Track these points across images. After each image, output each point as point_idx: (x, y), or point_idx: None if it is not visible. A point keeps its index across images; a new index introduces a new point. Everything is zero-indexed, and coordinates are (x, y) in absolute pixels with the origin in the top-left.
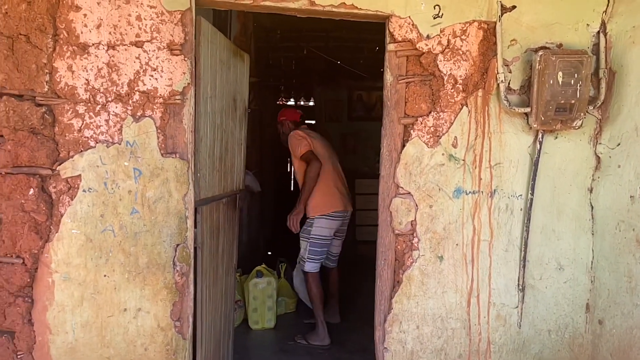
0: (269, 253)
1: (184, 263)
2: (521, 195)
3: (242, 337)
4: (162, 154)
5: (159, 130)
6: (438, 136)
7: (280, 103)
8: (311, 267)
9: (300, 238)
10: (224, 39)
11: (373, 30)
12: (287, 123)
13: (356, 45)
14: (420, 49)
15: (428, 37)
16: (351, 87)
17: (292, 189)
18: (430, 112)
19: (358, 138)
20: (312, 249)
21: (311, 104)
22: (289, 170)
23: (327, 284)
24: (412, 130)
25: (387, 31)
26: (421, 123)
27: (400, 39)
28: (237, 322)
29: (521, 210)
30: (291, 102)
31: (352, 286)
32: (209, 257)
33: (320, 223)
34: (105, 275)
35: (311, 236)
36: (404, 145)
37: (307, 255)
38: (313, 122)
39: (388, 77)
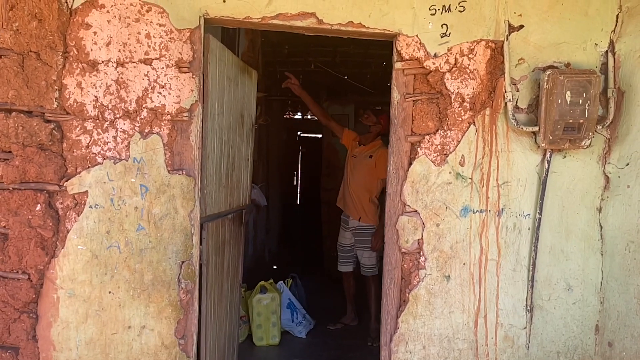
0: (275, 267)
1: (189, 280)
2: (529, 214)
3: (246, 353)
4: (168, 171)
5: (166, 147)
6: (445, 154)
7: (287, 116)
8: (339, 267)
9: None
10: (231, 56)
11: (380, 46)
12: (379, 127)
13: (363, 60)
14: (428, 68)
15: (435, 55)
16: (358, 102)
17: (298, 202)
18: (437, 130)
19: None
20: (338, 253)
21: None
22: (295, 183)
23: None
24: (419, 148)
25: (395, 49)
26: (428, 141)
27: (407, 57)
28: (242, 338)
29: (529, 229)
30: (298, 116)
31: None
32: (214, 274)
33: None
34: (110, 292)
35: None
36: (410, 163)
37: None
38: (320, 135)
39: (395, 95)
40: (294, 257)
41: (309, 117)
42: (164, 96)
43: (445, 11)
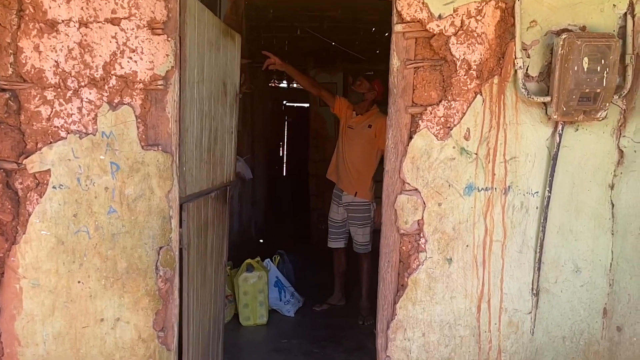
0: (261, 241)
1: (167, 267)
2: (537, 192)
3: (232, 334)
4: (142, 146)
5: (139, 120)
6: (449, 127)
7: (273, 85)
8: (329, 243)
9: None
10: (212, 17)
11: (369, 10)
12: (374, 94)
13: (352, 25)
14: (431, 31)
15: (440, 17)
16: (347, 70)
17: (285, 174)
18: (440, 101)
19: None
20: (328, 229)
21: None
22: (281, 154)
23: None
24: (420, 121)
25: (395, 10)
26: (430, 113)
27: (408, 18)
28: (228, 318)
29: (537, 208)
30: (284, 85)
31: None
32: (196, 258)
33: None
34: (79, 282)
35: (328, 218)
36: (411, 137)
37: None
38: (307, 105)
39: (395, 62)
40: (281, 230)
41: (295, 85)
42: (135, 62)
43: None
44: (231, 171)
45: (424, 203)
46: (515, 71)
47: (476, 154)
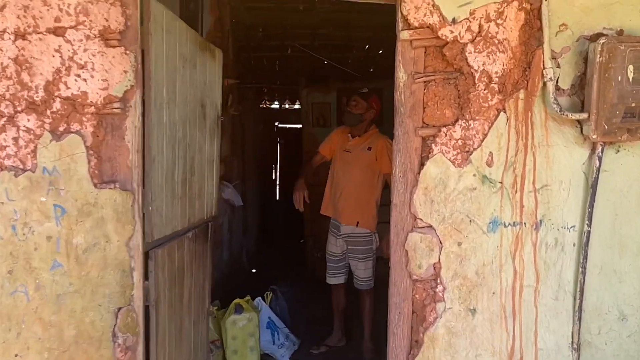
0: (253, 270)
1: (128, 333)
2: (574, 226)
3: None
4: (95, 184)
5: (90, 151)
6: (468, 152)
7: (264, 106)
8: (328, 279)
9: None
10: (185, 29)
11: (363, 28)
12: (373, 113)
13: (345, 43)
14: (444, 38)
15: (454, 21)
16: (340, 90)
17: (277, 197)
18: (457, 121)
19: None
20: (327, 263)
21: (297, 107)
22: (274, 177)
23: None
24: (433, 145)
25: (400, 14)
26: (445, 135)
27: (417, 24)
28: None
29: (574, 245)
30: (275, 106)
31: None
32: (168, 315)
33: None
34: (16, 356)
35: (325, 251)
36: (422, 164)
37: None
38: (299, 126)
39: (401, 75)
40: (274, 258)
41: (286, 106)
42: (85, 80)
43: None
44: (213, 205)
45: (441, 243)
46: (544, 83)
47: (501, 182)
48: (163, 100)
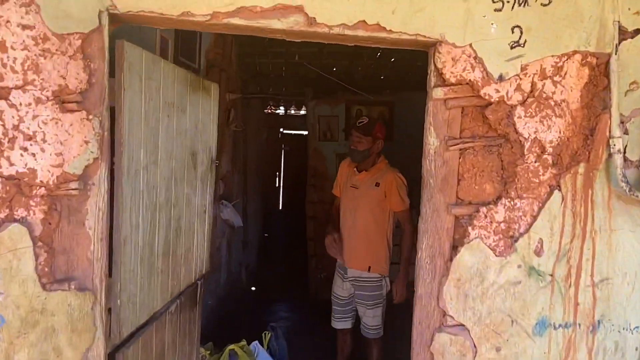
0: (253, 288)
1: None
2: (637, 327)
3: None
4: (44, 285)
5: (39, 244)
6: (512, 237)
7: (269, 112)
8: (334, 323)
9: None
10: (172, 70)
11: None
12: (379, 144)
13: (354, 51)
14: (487, 97)
15: (501, 78)
16: (349, 102)
17: (281, 207)
18: (499, 198)
19: None
20: (332, 305)
21: (303, 112)
22: (277, 185)
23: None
24: (469, 227)
25: (432, 66)
26: (484, 216)
27: (453, 79)
28: None
29: (637, 350)
30: (280, 111)
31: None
32: None
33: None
34: None
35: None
36: (455, 249)
37: None
38: (305, 132)
39: (432, 141)
40: (275, 275)
41: (292, 112)
42: (34, 154)
43: (519, 4)
44: (203, 261)
45: (475, 347)
46: (610, 155)
47: (552, 275)
48: (140, 165)
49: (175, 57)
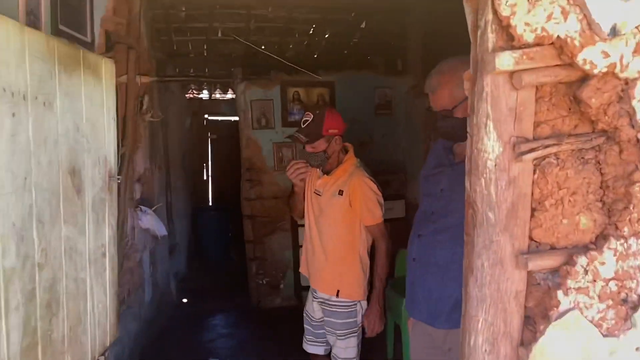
0: (184, 300)
1: None
2: None
3: None
4: None
5: None
6: (628, 303)
7: (191, 96)
8: (305, 345)
9: None
10: (15, 34)
11: (308, 7)
12: (337, 141)
13: (285, 26)
14: (586, 66)
15: (614, 32)
16: (285, 83)
17: (211, 203)
18: (604, 239)
19: (296, 149)
20: (304, 324)
21: (230, 96)
22: (205, 178)
23: None
24: (558, 289)
25: (490, 14)
26: (584, 270)
27: (530, 37)
28: None
29: None
30: (204, 95)
31: None
32: None
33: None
34: None
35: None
36: (533, 327)
37: None
38: (235, 118)
39: (488, 146)
40: (211, 280)
41: (217, 96)
42: None
43: None
44: (107, 330)
45: None
46: None
47: None
48: None
49: (53, 26)
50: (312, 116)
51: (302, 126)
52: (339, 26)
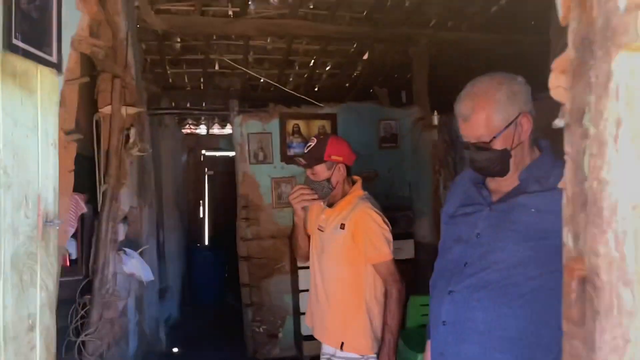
0: (175, 350)
1: None
2: None
3: None
4: None
5: None
6: None
7: (188, 131)
8: None
9: None
10: None
11: (308, 38)
12: (341, 170)
13: (285, 58)
14: None
15: None
16: (284, 116)
17: (207, 242)
18: None
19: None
20: None
21: (228, 131)
22: (202, 216)
23: None
24: None
25: None
26: None
27: None
28: None
29: None
30: (201, 130)
31: None
32: None
33: None
34: None
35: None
36: None
37: None
38: (232, 154)
39: (620, 172)
40: (204, 326)
41: (215, 131)
42: None
43: None
44: None
45: None
46: None
47: None
48: None
49: (5, 40)
50: (316, 141)
51: (306, 151)
52: (340, 57)
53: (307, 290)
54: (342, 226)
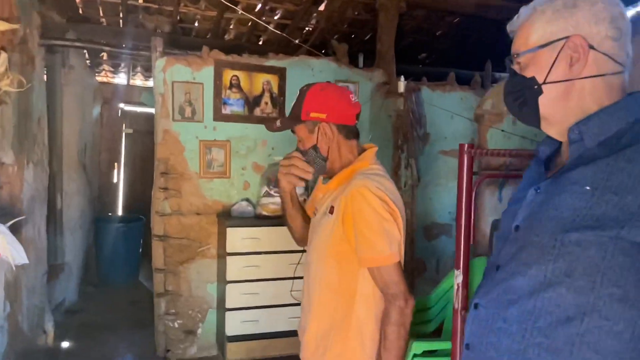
0: (65, 345)
1: None
2: None
3: None
4: None
5: None
6: None
7: (105, 80)
8: None
9: None
10: None
11: None
12: (327, 129)
13: None
14: None
15: None
16: (219, 64)
17: (121, 212)
18: None
19: (231, 152)
20: None
21: (150, 84)
22: (116, 181)
23: None
24: None
25: None
26: None
27: None
28: None
29: None
30: (120, 79)
31: None
32: None
33: None
34: None
35: None
36: None
37: None
38: (153, 110)
39: None
40: (109, 314)
41: (138, 82)
42: None
43: None
44: None
45: None
46: None
47: None
48: None
49: None
50: (298, 94)
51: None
52: (292, 4)
53: (236, 282)
54: (331, 210)
